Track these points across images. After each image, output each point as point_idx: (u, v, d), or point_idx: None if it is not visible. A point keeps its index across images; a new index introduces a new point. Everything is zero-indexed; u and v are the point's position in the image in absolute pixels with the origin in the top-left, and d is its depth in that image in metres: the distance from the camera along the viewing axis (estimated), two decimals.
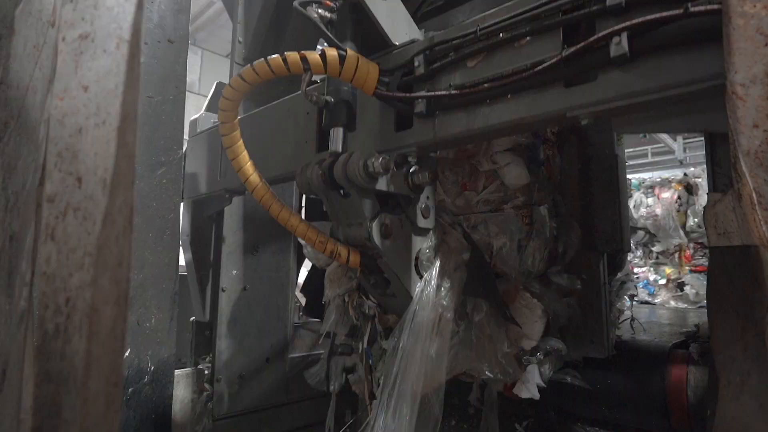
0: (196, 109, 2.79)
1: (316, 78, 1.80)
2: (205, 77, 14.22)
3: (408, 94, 1.50)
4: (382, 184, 1.56)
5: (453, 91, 1.41)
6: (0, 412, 0.59)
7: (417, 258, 1.77)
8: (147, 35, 1.93)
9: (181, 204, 2.30)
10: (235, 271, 2.62)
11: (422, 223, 1.76)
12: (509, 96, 1.32)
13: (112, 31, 0.59)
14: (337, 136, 1.68)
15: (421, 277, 1.76)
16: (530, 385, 1.95)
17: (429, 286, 1.72)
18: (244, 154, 1.73)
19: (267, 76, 1.47)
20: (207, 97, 2.80)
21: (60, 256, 0.52)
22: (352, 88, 1.67)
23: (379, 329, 2.13)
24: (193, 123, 2.70)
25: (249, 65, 1.47)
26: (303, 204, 2.93)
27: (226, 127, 1.68)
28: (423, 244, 1.79)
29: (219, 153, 2.39)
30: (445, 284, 1.77)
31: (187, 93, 2.09)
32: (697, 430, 1.88)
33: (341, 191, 1.62)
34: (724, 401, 1.12)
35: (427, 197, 1.77)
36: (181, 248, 2.23)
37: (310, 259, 2.41)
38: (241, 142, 1.71)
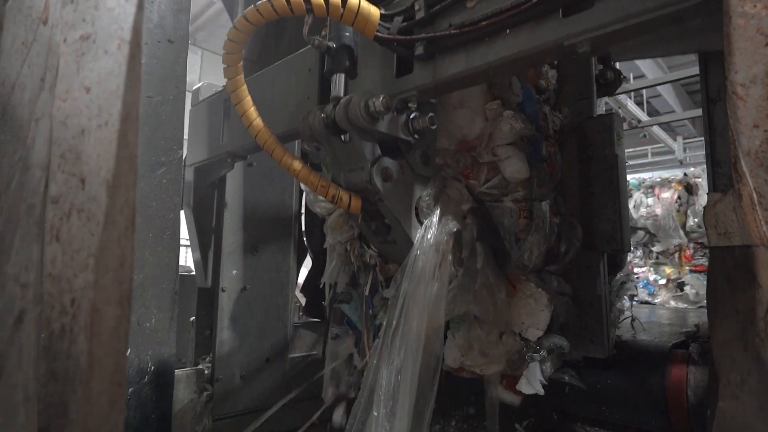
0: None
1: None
2: (205, 77, 14.19)
3: (408, 37, 1.54)
4: (383, 126, 1.60)
5: (452, 31, 1.44)
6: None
7: (417, 205, 1.80)
8: (147, 35, 1.93)
9: (184, 171, 2.32)
10: (235, 271, 2.63)
11: (422, 170, 1.80)
12: (507, 31, 1.35)
13: (113, 32, 0.59)
14: (338, 82, 1.70)
15: (421, 223, 1.79)
16: (533, 381, 1.95)
17: (429, 231, 1.75)
18: (248, 99, 1.76)
19: (270, 16, 1.49)
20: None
21: (65, 257, 0.52)
22: (354, 34, 1.70)
23: (380, 279, 2.16)
24: (195, 92, 2.77)
25: (253, 6, 1.49)
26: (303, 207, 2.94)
27: (230, 71, 1.70)
28: (423, 192, 1.82)
29: (221, 118, 2.46)
30: (446, 231, 1.78)
31: (187, 93, 2.09)
32: (697, 430, 1.88)
33: (342, 137, 1.66)
34: (724, 401, 1.12)
35: (427, 145, 1.82)
36: (183, 215, 2.30)
37: (310, 207, 2.42)
38: (245, 87, 1.74)
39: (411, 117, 1.68)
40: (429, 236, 1.74)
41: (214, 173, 2.65)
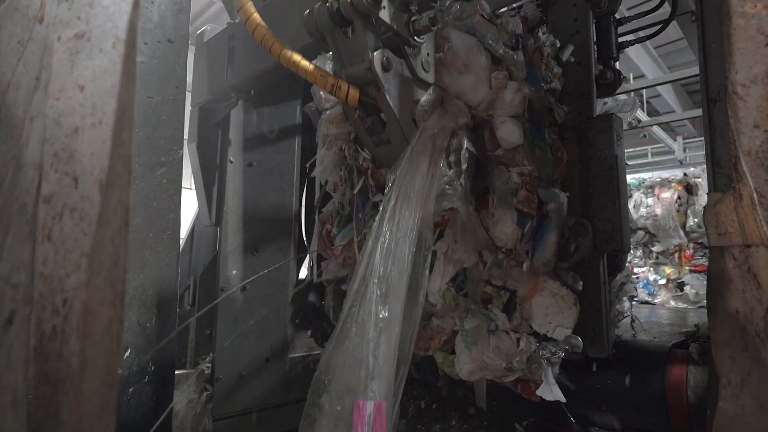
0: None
1: None
2: None
3: None
4: (385, 15, 1.67)
5: None
6: None
7: (415, 109, 1.85)
8: (147, 35, 1.93)
9: (187, 112, 2.36)
10: (235, 271, 2.62)
11: (422, 75, 1.87)
12: None
13: (108, 30, 0.59)
14: None
15: (417, 126, 1.85)
16: (554, 388, 1.95)
17: (425, 133, 1.81)
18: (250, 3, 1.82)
19: None
20: None
21: (57, 257, 0.52)
22: None
23: (371, 184, 2.21)
24: (200, 36, 2.84)
25: None
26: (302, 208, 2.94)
27: None
28: (422, 97, 1.87)
29: (224, 55, 2.55)
30: (443, 129, 1.85)
31: (187, 93, 2.09)
32: (697, 430, 1.88)
33: (345, 31, 1.72)
34: (724, 401, 1.12)
35: (428, 54, 1.89)
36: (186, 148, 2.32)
37: (318, 105, 2.47)
38: None
39: (412, 19, 1.75)
40: (426, 133, 1.81)
41: (219, 111, 2.71)
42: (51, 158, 0.54)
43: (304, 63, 1.75)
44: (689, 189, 7.32)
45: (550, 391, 1.94)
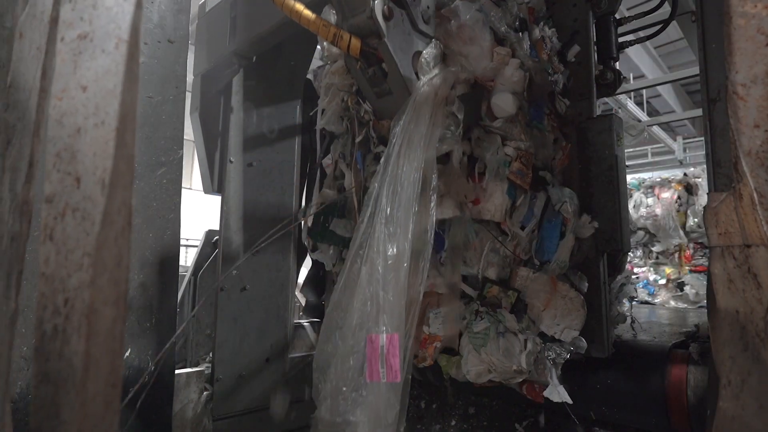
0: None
1: None
2: None
3: None
4: None
5: None
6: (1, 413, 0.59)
7: (417, 61, 1.89)
8: (147, 35, 1.93)
9: (188, 113, 2.37)
10: (235, 271, 2.62)
11: (422, 27, 1.91)
12: None
13: (110, 31, 0.59)
14: None
15: (418, 78, 1.88)
16: (560, 389, 1.96)
17: (428, 84, 1.85)
18: None
19: None
20: None
21: (59, 257, 0.52)
22: None
23: (373, 135, 2.25)
24: (202, 6, 2.88)
25: None
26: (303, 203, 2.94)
27: None
28: (424, 49, 1.91)
29: (226, 23, 2.59)
30: (445, 78, 1.89)
31: (187, 93, 2.09)
32: (697, 430, 1.88)
33: None
34: (724, 401, 1.12)
35: (428, 6, 1.93)
36: (190, 117, 2.41)
37: (323, 60, 2.50)
38: None
39: None
40: (429, 83, 1.85)
41: (221, 79, 2.72)
42: (53, 158, 0.54)
43: (307, 12, 1.77)
44: (689, 189, 7.31)
45: (557, 393, 1.95)
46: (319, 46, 2.74)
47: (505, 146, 2.06)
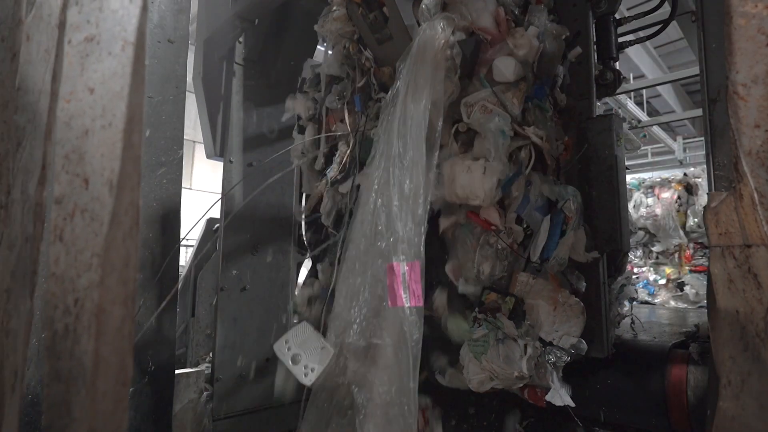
0: (196, 109, 2.83)
1: None
2: None
3: None
4: None
5: None
6: (12, 411, 0.60)
7: (419, 7, 1.90)
8: (147, 35, 1.93)
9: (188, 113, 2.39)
10: (235, 271, 2.62)
11: None
12: None
13: (117, 33, 0.60)
14: None
15: (419, 24, 1.89)
16: (562, 392, 1.95)
17: (430, 28, 1.85)
18: None
19: None
20: None
21: (68, 257, 0.53)
22: None
23: (374, 82, 2.26)
24: None
25: None
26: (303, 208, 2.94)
27: None
28: None
29: None
30: (446, 22, 1.89)
31: (187, 93, 2.09)
32: (697, 430, 1.88)
33: None
34: (724, 401, 1.12)
35: None
36: (192, 82, 2.42)
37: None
38: None
39: None
40: (431, 27, 1.85)
41: (224, 44, 2.74)
42: (62, 160, 0.55)
43: None
44: (689, 189, 7.32)
45: (559, 396, 1.95)
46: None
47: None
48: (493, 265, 2.07)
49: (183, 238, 2.02)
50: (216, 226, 2.83)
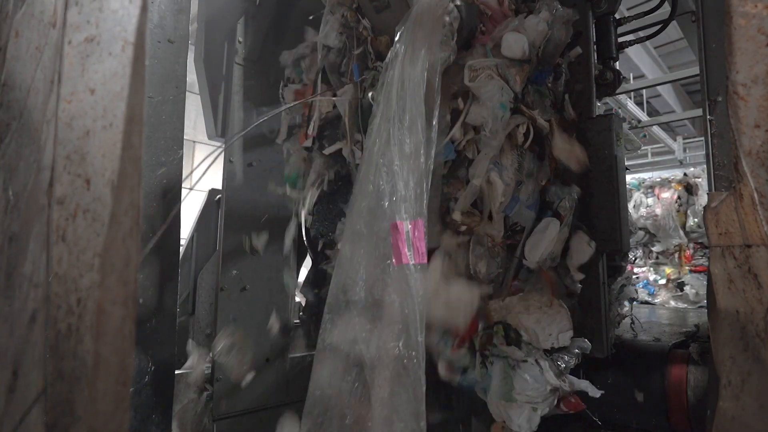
0: (196, 109, 2.83)
1: None
2: None
3: None
4: None
5: None
6: (13, 410, 0.59)
7: None
8: (147, 35, 1.93)
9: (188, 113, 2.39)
10: (235, 271, 2.62)
11: None
12: None
13: (117, 33, 0.59)
14: None
15: None
16: (585, 384, 1.97)
17: None
18: None
19: None
20: None
21: (71, 258, 0.53)
22: None
23: (371, 51, 2.26)
24: None
25: None
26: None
27: None
28: None
29: None
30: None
31: (187, 93, 2.09)
32: (697, 430, 1.88)
33: None
34: (724, 401, 1.12)
35: None
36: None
37: None
38: None
39: None
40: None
41: (225, 24, 2.72)
42: (63, 160, 0.55)
43: None
44: (689, 189, 7.32)
45: (592, 389, 1.96)
46: None
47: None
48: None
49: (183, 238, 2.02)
50: (218, 196, 2.82)
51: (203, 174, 2.13)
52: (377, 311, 1.72)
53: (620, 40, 2.52)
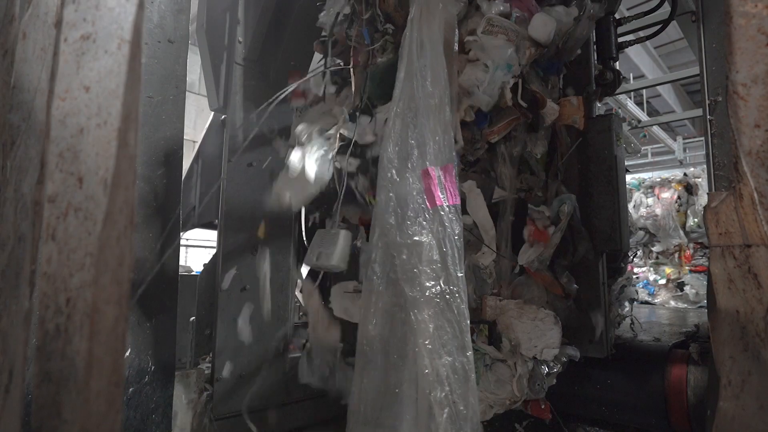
0: (196, 109, 2.82)
1: None
2: None
3: None
4: None
5: None
6: (7, 411, 0.59)
7: None
8: (147, 35, 1.93)
9: (188, 113, 2.37)
10: (235, 271, 2.62)
11: None
12: None
13: (113, 31, 0.59)
14: None
15: None
16: None
17: None
18: None
19: None
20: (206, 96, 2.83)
21: (61, 257, 0.52)
22: None
23: (379, 14, 2.27)
24: None
25: None
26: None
27: None
28: None
29: None
30: None
31: (187, 93, 2.09)
32: (697, 430, 1.88)
33: None
34: (724, 401, 1.12)
35: None
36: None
37: None
38: None
39: None
40: None
41: None
42: (56, 158, 0.54)
43: None
44: (689, 189, 7.32)
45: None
46: None
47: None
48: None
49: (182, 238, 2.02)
50: (223, 117, 2.81)
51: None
52: (416, 250, 1.75)
53: (620, 40, 2.51)
